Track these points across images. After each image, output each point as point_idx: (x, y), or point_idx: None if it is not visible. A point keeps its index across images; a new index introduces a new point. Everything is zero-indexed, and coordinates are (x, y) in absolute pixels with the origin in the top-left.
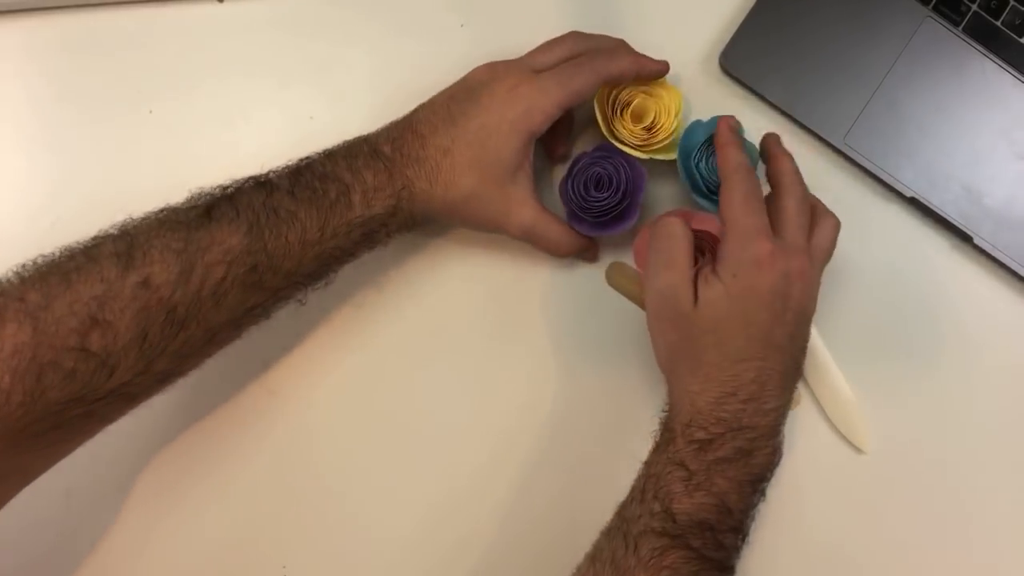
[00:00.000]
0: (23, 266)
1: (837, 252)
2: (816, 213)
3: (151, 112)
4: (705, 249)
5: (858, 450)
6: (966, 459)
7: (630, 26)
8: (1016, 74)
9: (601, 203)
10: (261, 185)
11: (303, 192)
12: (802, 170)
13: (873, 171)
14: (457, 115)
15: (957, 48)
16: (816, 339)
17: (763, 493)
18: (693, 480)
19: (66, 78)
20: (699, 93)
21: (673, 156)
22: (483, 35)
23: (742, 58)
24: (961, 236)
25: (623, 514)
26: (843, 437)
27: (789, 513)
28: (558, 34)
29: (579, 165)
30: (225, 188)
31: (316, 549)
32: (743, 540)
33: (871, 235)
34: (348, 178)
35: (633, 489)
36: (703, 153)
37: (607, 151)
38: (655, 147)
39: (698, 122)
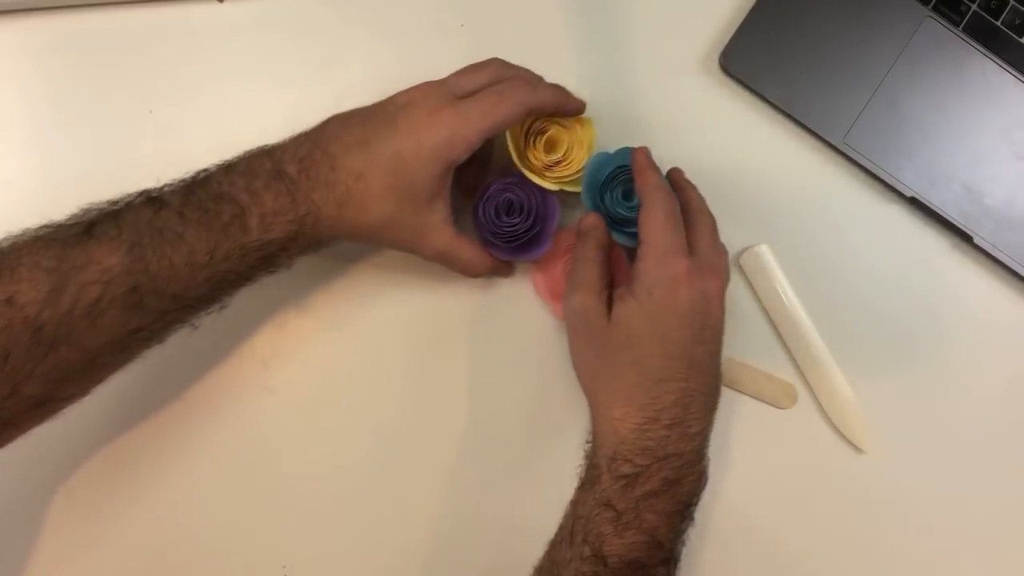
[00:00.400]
0: None
1: (838, 252)
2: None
3: (151, 112)
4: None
5: (858, 450)
6: (966, 459)
7: (630, 26)
8: (1016, 74)
9: (512, 228)
10: (151, 201)
11: (193, 212)
12: (802, 170)
13: (873, 171)
14: (372, 137)
15: (957, 48)
16: (816, 338)
17: (691, 518)
18: (622, 520)
19: (66, 78)
20: (699, 93)
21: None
22: (483, 35)
23: (742, 58)
24: (961, 236)
25: (553, 556)
26: (843, 437)
27: (789, 512)
28: (557, 34)
29: (491, 191)
30: (114, 204)
31: (316, 549)
32: (675, 566)
33: (871, 235)
34: (245, 199)
35: (561, 528)
36: (608, 185)
37: (519, 179)
38: (566, 179)
39: (603, 154)
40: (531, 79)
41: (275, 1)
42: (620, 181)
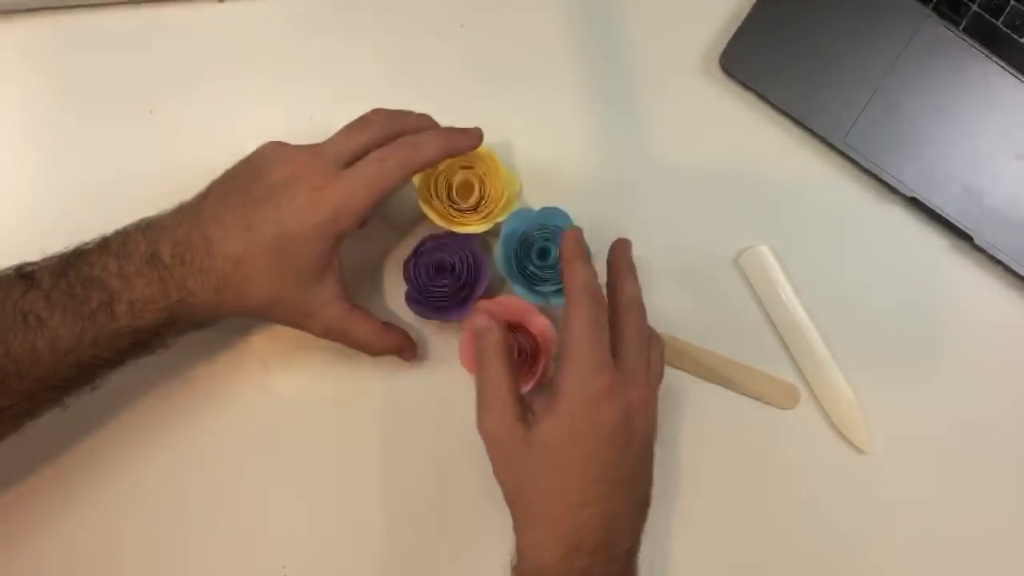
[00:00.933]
0: None
1: (838, 252)
2: (649, 334)
3: (151, 112)
4: (528, 350)
5: (858, 450)
6: (966, 459)
7: (630, 26)
8: (1016, 74)
9: (441, 289)
10: (22, 279)
11: (60, 296)
12: (802, 170)
13: (873, 171)
14: (254, 220)
15: (957, 48)
16: (816, 339)
17: None
18: None
19: (66, 78)
20: (699, 93)
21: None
22: (483, 35)
23: (742, 58)
24: (961, 236)
25: None
26: (843, 437)
27: (789, 512)
28: (557, 35)
29: (425, 247)
30: None
31: (316, 549)
32: None
33: (871, 235)
34: (115, 285)
35: None
36: (523, 243)
37: (453, 236)
38: (495, 214)
39: (525, 210)
40: (414, 137)
41: (275, 1)
42: (537, 238)
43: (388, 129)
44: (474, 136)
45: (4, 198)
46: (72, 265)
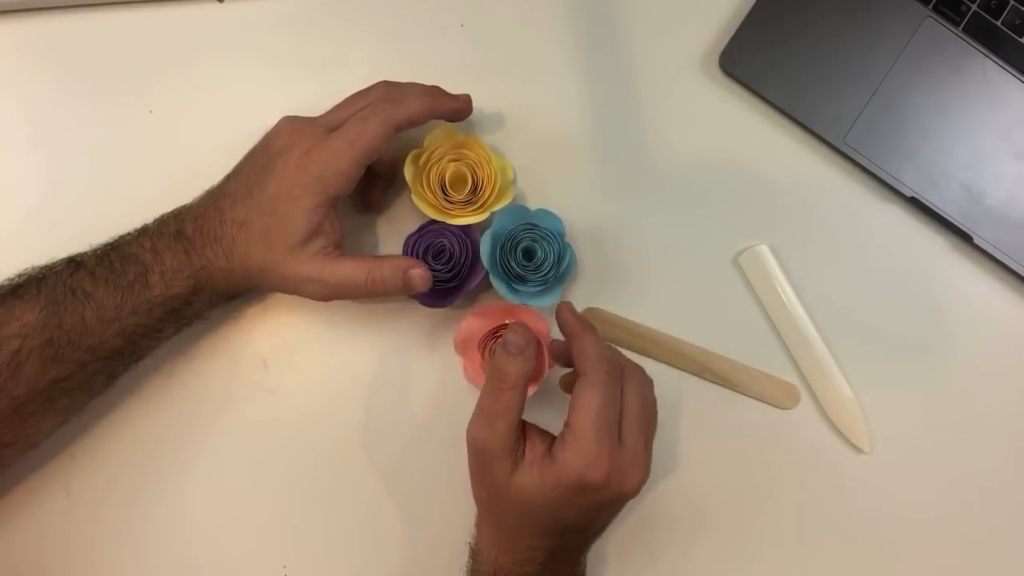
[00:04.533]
0: None
1: (838, 252)
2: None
3: (151, 112)
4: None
5: (858, 450)
6: (966, 458)
7: (630, 26)
8: (1016, 74)
9: (434, 273)
10: (70, 264)
11: (103, 272)
12: (802, 170)
13: (873, 171)
14: (254, 187)
15: (957, 48)
16: (816, 339)
17: None
18: None
19: (66, 78)
20: (699, 93)
21: (509, 200)
22: (483, 35)
23: (742, 58)
24: (961, 236)
25: None
26: (843, 437)
27: (789, 512)
28: (557, 35)
29: (428, 229)
30: (43, 267)
31: (316, 549)
32: None
33: (871, 235)
34: (149, 259)
35: None
36: (510, 240)
37: (456, 227)
38: (490, 202)
39: (516, 207)
40: (396, 94)
41: (275, 1)
42: (524, 238)
43: (388, 95)
44: (462, 100)
45: (4, 198)
46: (114, 248)
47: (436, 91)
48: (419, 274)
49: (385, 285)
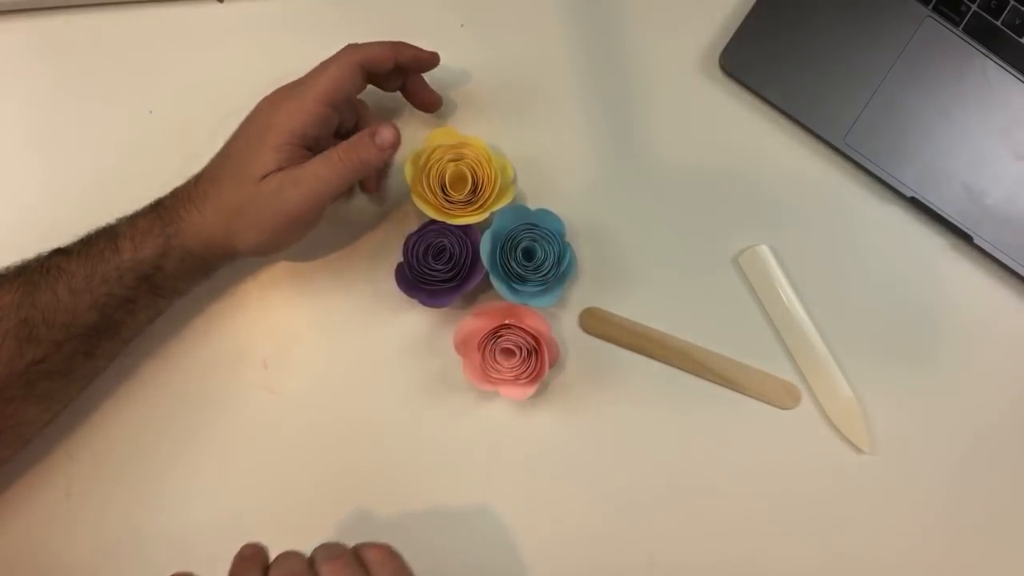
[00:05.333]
0: None
1: (838, 252)
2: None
3: (151, 112)
4: (525, 347)
5: (858, 450)
6: (966, 458)
7: (630, 26)
8: (1016, 74)
9: (432, 272)
10: (55, 251)
11: (78, 246)
12: (802, 170)
13: (873, 171)
14: (227, 143)
15: (957, 48)
16: (816, 338)
17: None
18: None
19: (66, 78)
20: (699, 93)
21: (510, 199)
22: (483, 35)
23: (742, 58)
24: (961, 236)
25: None
26: (843, 437)
27: (789, 512)
28: (557, 35)
29: (429, 228)
30: (31, 258)
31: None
32: None
33: (871, 235)
34: (122, 228)
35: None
36: (511, 239)
37: (456, 228)
38: (490, 201)
39: (517, 207)
40: (366, 44)
41: (275, 1)
42: (524, 238)
43: (351, 46)
44: (429, 54)
45: (4, 197)
46: (97, 230)
47: (398, 41)
48: (386, 128)
49: (359, 154)
